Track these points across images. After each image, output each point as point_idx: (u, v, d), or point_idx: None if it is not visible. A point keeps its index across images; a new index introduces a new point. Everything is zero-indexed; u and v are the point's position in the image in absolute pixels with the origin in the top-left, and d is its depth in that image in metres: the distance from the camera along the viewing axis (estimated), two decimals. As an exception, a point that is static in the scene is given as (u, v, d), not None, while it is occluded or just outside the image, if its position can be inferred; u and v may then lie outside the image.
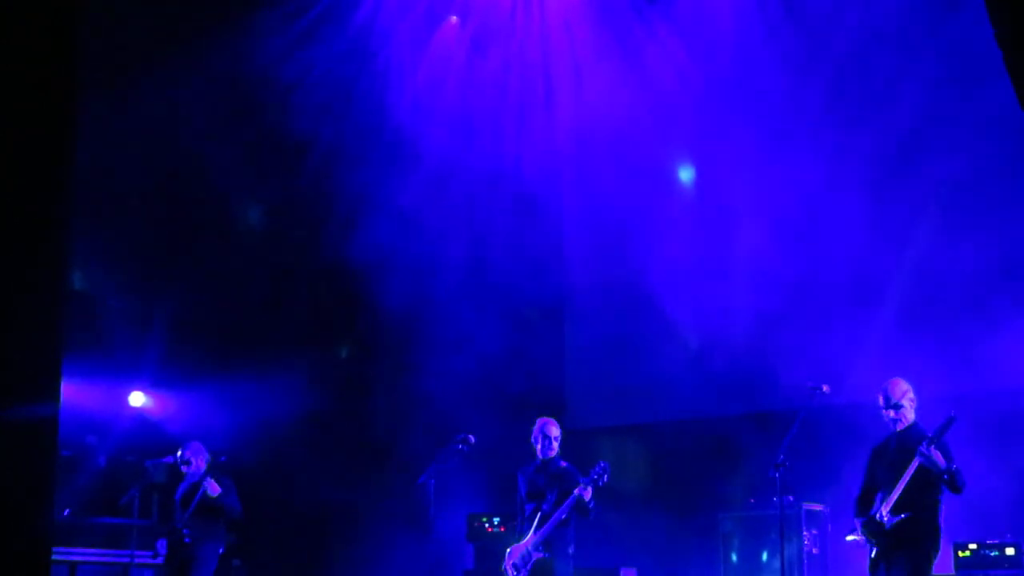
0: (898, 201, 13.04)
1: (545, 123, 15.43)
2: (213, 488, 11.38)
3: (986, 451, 10.50)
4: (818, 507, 12.32)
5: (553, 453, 10.34)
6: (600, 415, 15.45)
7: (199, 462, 11.68)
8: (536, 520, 10.12)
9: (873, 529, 8.99)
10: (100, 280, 14.86)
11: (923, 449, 8.66)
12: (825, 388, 9.69)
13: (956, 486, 8.69)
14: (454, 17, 15.97)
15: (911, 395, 9.11)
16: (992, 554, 11.20)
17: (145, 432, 14.51)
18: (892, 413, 9.08)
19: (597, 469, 9.93)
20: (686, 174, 15.27)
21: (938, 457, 8.63)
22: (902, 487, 8.81)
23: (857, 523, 9.17)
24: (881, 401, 9.14)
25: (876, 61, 13.30)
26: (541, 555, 9.97)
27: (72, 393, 12.00)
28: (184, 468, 11.71)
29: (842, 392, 10.53)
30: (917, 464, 8.72)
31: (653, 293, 14.45)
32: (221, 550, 11.67)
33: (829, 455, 12.31)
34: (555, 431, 10.40)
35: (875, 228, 13.16)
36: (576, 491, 9.86)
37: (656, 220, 14.83)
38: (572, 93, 15.42)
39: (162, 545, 11.68)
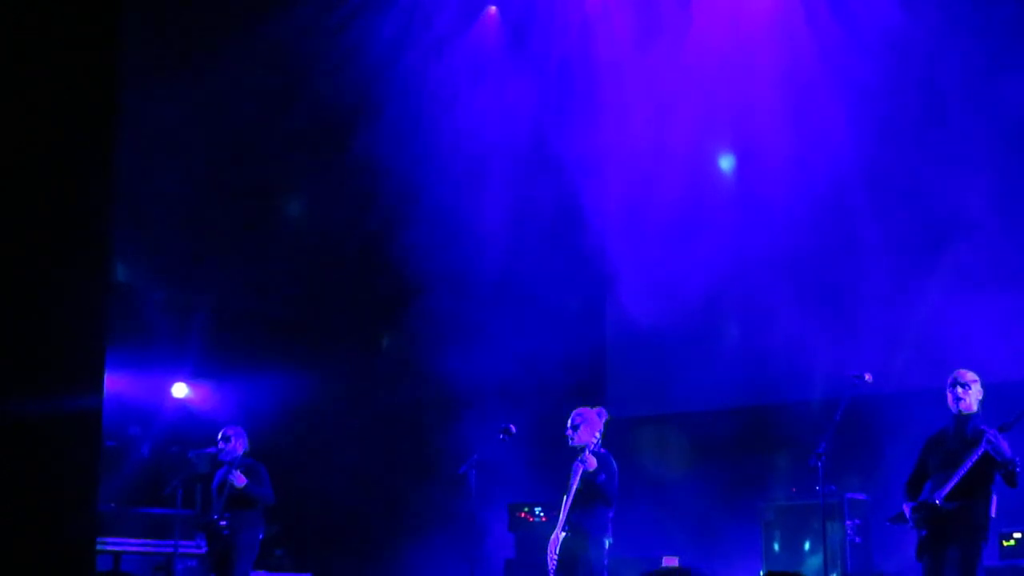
0: (939, 188, 12.93)
1: (586, 112, 15.40)
2: (239, 480, 11.42)
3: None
4: (861, 496, 12.26)
5: (577, 443, 10.16)
6: (641, 404, 15.44)
7: (237, 444, 11.70)
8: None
9: (924, 513, 8.93)
10: (142, 272, 14.95)
11: (991, 436, 8.61)
12: (868, 377, 9.65)
13: (1015, 478, 8.63)
14: (493, 7, 15.96)
15: (979, 387, 9.07)
16: (1037, 543, 11.13)
17: (188, 422, 14.59)
18: (959, 391, 9.02)
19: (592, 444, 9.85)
20: (727, 163, 15.22)
21: (1004, 446, 8.59)
22: (961, 475, 8.75)
23: (906, 507, 9.11)
24: (949, 381, 9.10)
25: (915, 47, 13.19)
26: (564, 532, 9.92)
27: (116, 384, 12.15)
28: (221, 444, 11.70)
29: (885, 381, 10.47)
30: (982, 451, 8.66)
31: (694, 282, 14.41)
32: (260, 536, 11.71)
33: (872, 444, 12.28)
34: (576, 419, 10.20)
35: (915, 216, 13.08)
36: (575, 463, 9.82)
37: (697, 209, 14.78)
38: (613, 82, 15.37)
39: (202, 538, 11.75)
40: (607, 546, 10.01)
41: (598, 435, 10.15)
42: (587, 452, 9.79)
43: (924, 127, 13.05)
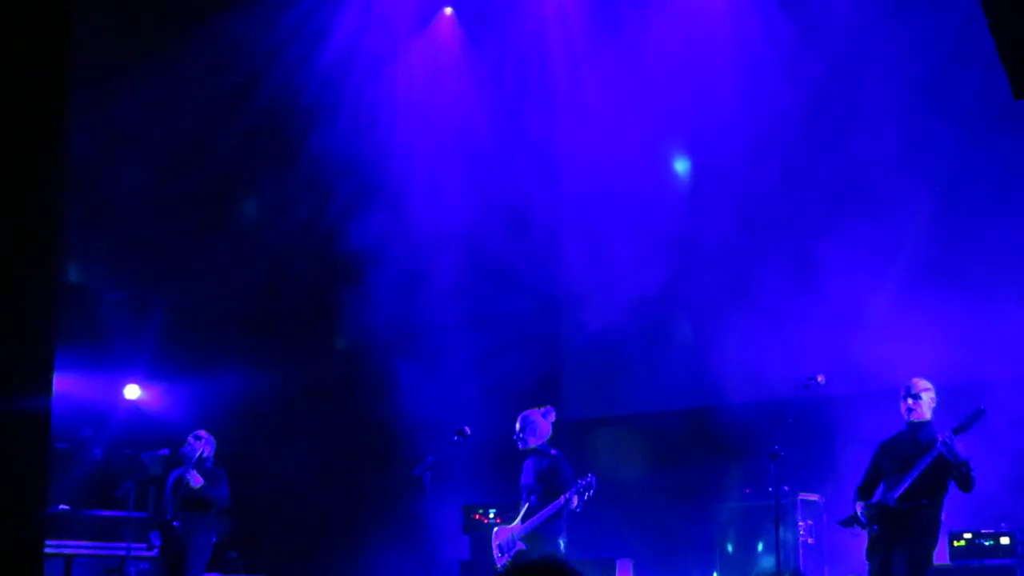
0: (892, 191, 13.01)
1: (540, 114, 15.40)
2: (195, 480, 11.43)
3: (982, 439, 10.50)
4: (814, 497, 12.33)
5: (526, 446, 10.20)
6: (596, 406, 15.45)
7: (204, 446, 11.69)
8: (523, 511, 10.10)
9: (875, 513, 8.99)
10: (96, 272, 14.84)
11: (945, 438, 8.67)
12: (820, 379, 9.72)
13: (968, 482, 8.70)
14: (448, 8, 15.95)
15: (932, 395, 9.16)
16: (987, 543, 11.21)
17: (141, 425, 14.51)
18: (910, 402, 9.11)
19: (583, 483, 9.82)
20: (681, 165, 15.25)
21: (958, 448, 8.65)
22: (913, 477, 8.82)
23: (859, 507, 9.17)
24: (902, 391, 9.18)
25: (871, 48, 13.26)
26: (523, 547, 9.93)
27: (68, 386, 12.04)
28: (191, 439, 11.69)
29: (838, 383, 10.52)
30: (935, 454, 8.73)
31: (647, 283, 14.42)
32: (214, 539, 11.68)
33: (825, 445, 12.33)
34: (521, 422, 10.27)
35: (868, 220, 13.15)
36: (563, 497, 9.81)
37: (651, 210, 14.80)
38: (568, 83, 15.40)
39: (155, 537, 11.70)
40: (562, 547, 10.02)
41: (546, 436, 10.19)
42: (573, 494, 9.77)
43: (881, 128, 13.10)
